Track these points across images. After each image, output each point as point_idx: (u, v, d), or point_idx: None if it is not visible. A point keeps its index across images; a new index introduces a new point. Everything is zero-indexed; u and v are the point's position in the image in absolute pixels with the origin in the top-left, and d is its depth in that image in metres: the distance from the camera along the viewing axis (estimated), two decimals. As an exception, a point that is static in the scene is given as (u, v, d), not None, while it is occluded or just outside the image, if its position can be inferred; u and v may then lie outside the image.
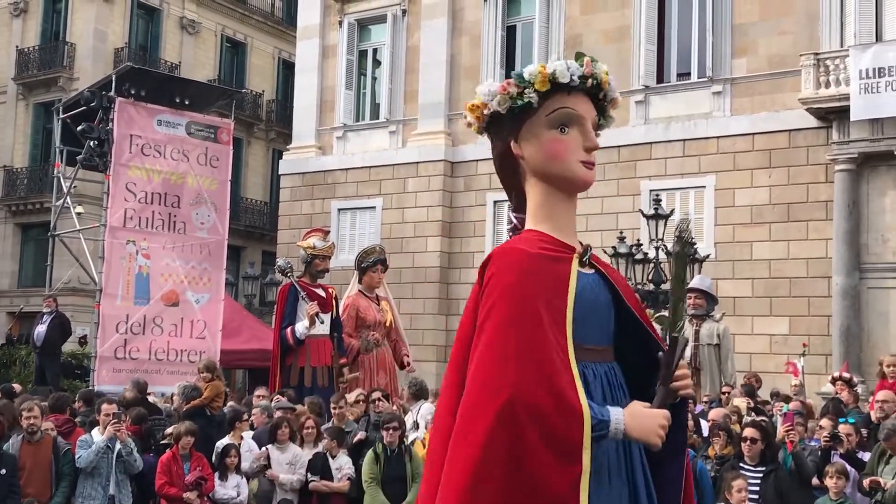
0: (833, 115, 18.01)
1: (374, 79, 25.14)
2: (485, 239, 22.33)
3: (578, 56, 2.65)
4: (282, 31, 34.00)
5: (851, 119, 17.45)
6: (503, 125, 2.66)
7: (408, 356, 12.15)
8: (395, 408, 10.09)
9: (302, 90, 25.59)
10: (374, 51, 24.97)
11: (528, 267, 2.46)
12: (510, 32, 22.81)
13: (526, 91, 2.62)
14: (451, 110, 23.16)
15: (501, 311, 2.39)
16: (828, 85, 18.03)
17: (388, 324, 11.96)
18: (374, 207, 23.74)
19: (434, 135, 23.09)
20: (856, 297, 17.66)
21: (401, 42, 24.03)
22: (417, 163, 23.17)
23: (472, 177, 22.73)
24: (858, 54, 17.45)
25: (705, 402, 10.51)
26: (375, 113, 24.63)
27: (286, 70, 33.39)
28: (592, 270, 2.67)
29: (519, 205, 2.65)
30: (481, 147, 22.56)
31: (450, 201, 22.92)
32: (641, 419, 2.42)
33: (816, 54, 18.25)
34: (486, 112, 2.66)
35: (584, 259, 2.66)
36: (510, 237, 2.60)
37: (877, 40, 17.93)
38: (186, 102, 14.99)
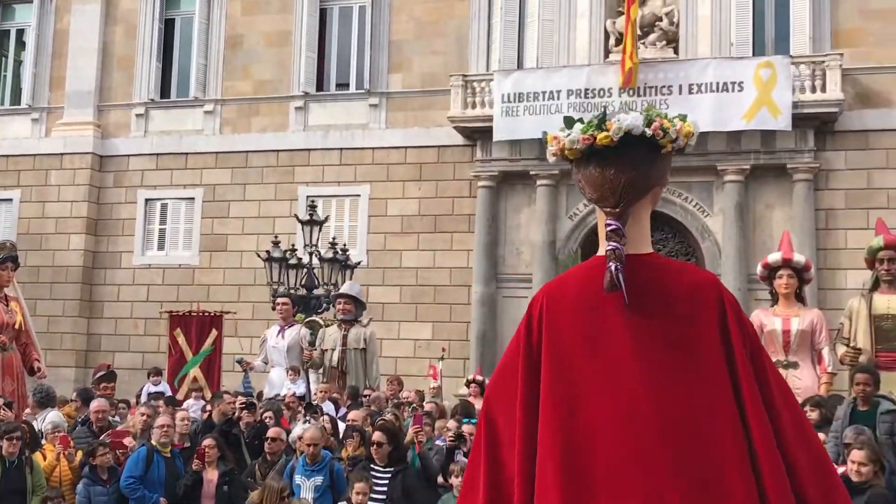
0: (478, 135, 19.20)
1: (17, 62, 23.29)
2: (134, 238, 21.41)
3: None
4: None
5: (494, 139, 18.70)
6: (668, 157, 2.79)
7: (38, 361, 11.33)
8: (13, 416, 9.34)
9: (-70, 67, 23.15)
10: (19, 31, 23.14)
11: None
12: (168, 26, 22.08)
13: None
14: (102, 101, 22.00)
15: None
16: (474, 106, 19.19)
17: (17, 326, 11.08)
18: (10, 200, 21.93)
19: (81, 125, 21.78)
20: (492, 305, 18.92)
21: (48, 24, 22.45)
22: (62, 154, 21.73)
23: (122, 172, 21.71)
24: (501, 79, 18.74)
25: (348, 405, 10.75)
26: (17, 98, 22.83)
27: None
28: None
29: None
30: (134, 142, 21.66)
31: (97, 197, 21.72)
32: None
33: (465, 76, 19.37)
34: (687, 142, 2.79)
35: None
36: (618, 245, 2.61)
37: (518, 67, 19.36)
38: None
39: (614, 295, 2.56)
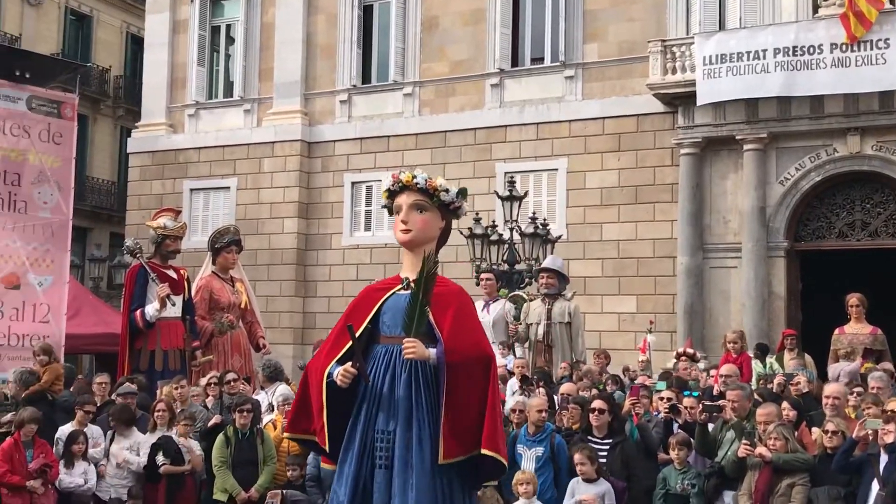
0: (679, 101, 18.67)
1: (227, 56, 24.55)
2: (343, 220, 22.21)
3: None
4: (130, 4, 32.70)
5: (696, 104, 18.12)
6: None
7: (263, 338, 11.98)
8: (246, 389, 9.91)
9: (151, 66, 24.75)
10: (228, 27, 24.37)
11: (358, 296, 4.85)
12: (367, 12, 22.67)
13: None
14: (308, 89, 22.89)
15: None
16: (674, 71, 18.66)
17: (242, 305, 11.76)
18: (228, 188, 23.24)
19: (290, 114, 22.76)
20: (699, 276, 18.41)
21: (255, 18, 23.55)
22: (273, 142, 22.80)
23: (329, 157, 22.53)
24: (703, 41, 18.12)
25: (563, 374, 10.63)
26: (229, 91, 24.07)
27: (135, 45, 32.14)
28: (408, 291, 4.59)
29: None
30: (339, 127, 22.44)
31: (307, 182, 22.66)
32: None
33: (663, 41, 18.86)
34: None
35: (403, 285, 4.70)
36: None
37: (720, 28, 18.68)
38: (27, 76, 14.19)
39: None
